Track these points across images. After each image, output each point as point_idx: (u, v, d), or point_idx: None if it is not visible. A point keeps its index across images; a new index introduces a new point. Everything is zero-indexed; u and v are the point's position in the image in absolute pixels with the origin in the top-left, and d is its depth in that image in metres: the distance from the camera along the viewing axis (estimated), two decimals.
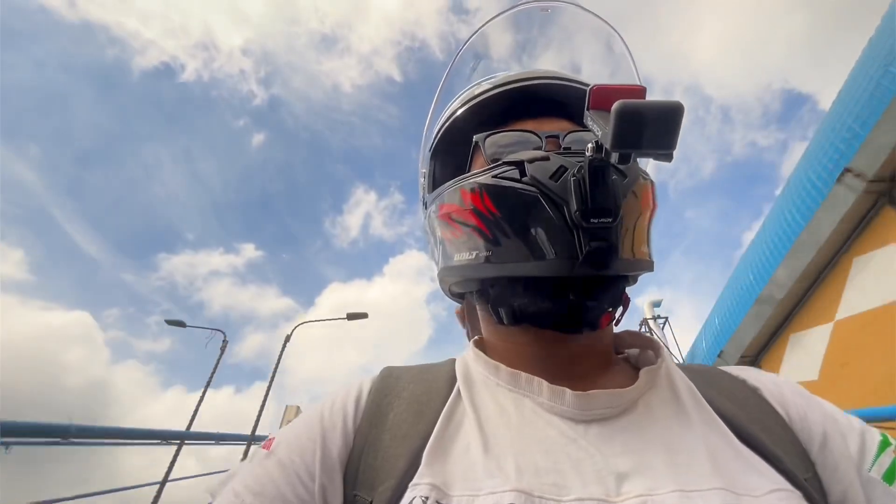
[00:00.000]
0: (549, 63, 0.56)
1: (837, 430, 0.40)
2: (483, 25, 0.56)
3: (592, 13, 0.56)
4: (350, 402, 0.43)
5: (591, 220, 0.35)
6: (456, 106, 0.54)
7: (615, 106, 0.28)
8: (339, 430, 0.40)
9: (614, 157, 0.32)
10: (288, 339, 7.72)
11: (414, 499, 0.32)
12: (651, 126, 0.28)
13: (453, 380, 0.44)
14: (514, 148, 0.47)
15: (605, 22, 0.56)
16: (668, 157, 0.34)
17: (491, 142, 0.48)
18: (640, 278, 0.45)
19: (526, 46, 0.60)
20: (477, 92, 0.53)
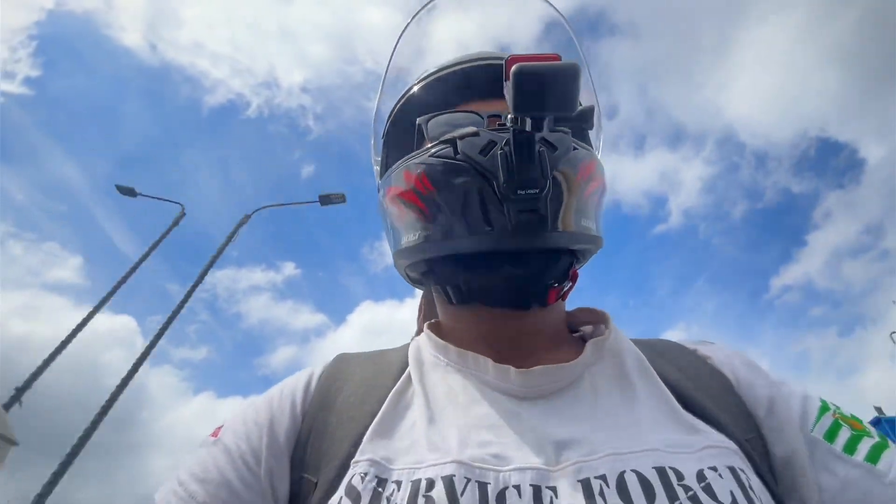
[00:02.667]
0: (493, 46, 0.56)
1: (781, 395, 0.41)
2: (420, 10, 0.57)
3: None
4: (300, 387, 0.43)
5: (518, 192, 0.36)
6: (405, 91, 0.54)
7: (512, 70, 0.28)
8: (288, 414, 0.41)
9: (528, 125, 0.32)
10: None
11: (354, 476, 0.33)
12: (548, 88, 0.28)
13: (405, 362, 0.45)
14: (457, 128, 0.47)
15: (549, 3, 0.56)
16: (586, 123, 0.34)
17: (433, 124, 0.48)
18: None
19: (470, 32, 0.60)
20: (423, 76, 0.53)
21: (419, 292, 0.58)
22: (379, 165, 0.57)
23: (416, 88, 0.53)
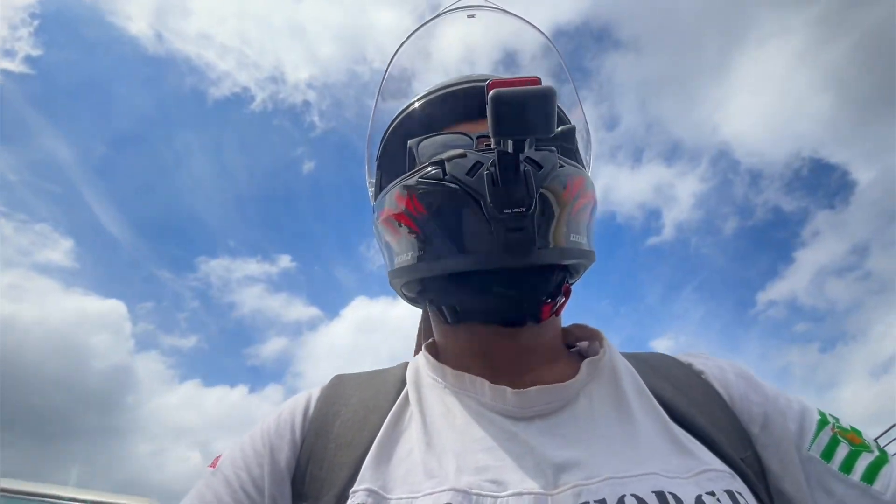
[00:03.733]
0: (483, 68, 0.57)
1: (777, 411, 0.41)
2: (411, 35, 0.58)
3: (517, 16, 0.57)
4: (298, 411, 0.43)
5: (505, 211, 0.36)
6: (397, 113, 0.56)
7: (489, 95, 0.29)
8: (287, 440, 0.41)
9: (510, 146, 0.33)
10: None
11: None
12: (525, 112, 0.29)
13: (402, 383, 0.45)
14: (447, 150, 0.48)
15: (531, 24, 0.58)
16: (568, 142, 0.35)
17: (424, 146, 0.49)
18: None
19: (456, 54, 0.62)
20: (415, 99, 0.54)
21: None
22: (373, 187, 0.58)
23: (407, 111, 0.55)
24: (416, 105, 0.54)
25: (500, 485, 0.33)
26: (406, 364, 0.49)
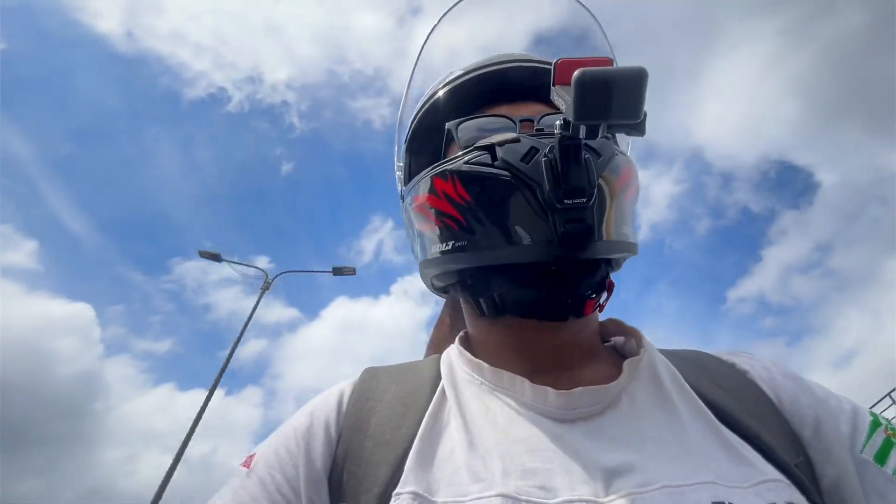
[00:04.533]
0: (520, 47, 0.55)
1: (829, 413, 0.39)
2: (447, 12, 0.55)
3: None
4: (331, 407, 0.41)
5: (565, 202, 0.34)
6: (429, 94, 0.53)
7: (575, 74, 0.27)
8: (322, 440, 0.39)
9: (583, 132, 0.31)
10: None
11: None
12: (615, 94, 0.27)
13: (437, 379, 0.43)
14: (488, 133, 0.45)
15: (580, 3, 0.55)
16: (640, 130, 0.33)
17: (464, 128, 0.46)
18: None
19: (497, 32, 0.59)
20: (449, 79, 0.51)
21: (398, 291, 0.56)
22: (401, 172, 0.55)
23: (440, 93, 0.52)
24: (451, 86, 0.51)
25: (550, 491, 0.31)
26: (437, 357, 0.47)
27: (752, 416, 0.38)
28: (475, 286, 0.43)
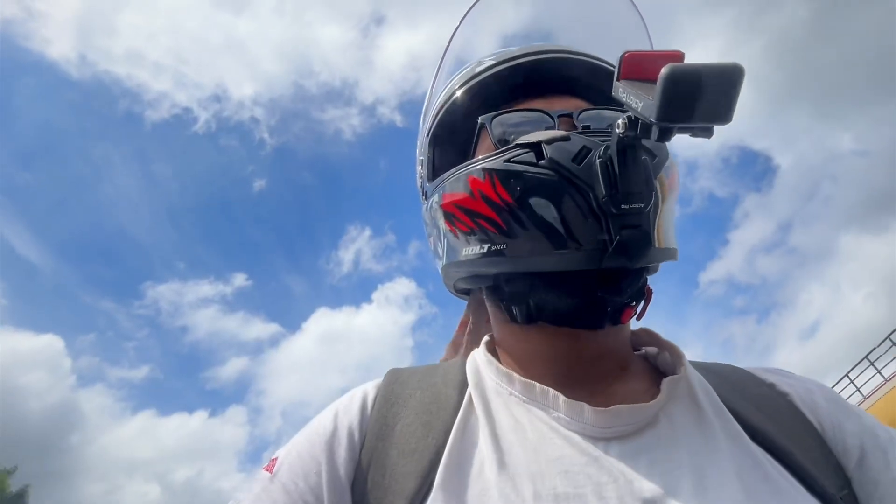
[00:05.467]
0: (553, 37, 0.52)
1: (877, 446, 0.37)
2: (473, 5, 0.52)
3: None
4: (354, 412, 0.39)
5: (622, 206, 0.32)
6: (456, 85, 0.49)
7: (665, 70, 0.24)
8: (345, 445, 0.37)
9: (654, 133, 0.28)
10: None
11: None
12: (706, 94, 0.24)
13: (463, 385, 0.41)
14: (525, 129, 0.42)
15: None
16: (710, 133, 0.30)
17: (498, 122, 0.43)
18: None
19: (529, 20, 0.55)
20: (478, 70, 0.48)
21: (379, 299, 0.54)
22: (423, 166, 0.52)
23: (469, 84, 0.48)
24: (481, 77, 0.47)
25: None
26: (462, 362, 0.44)
27: (793, 443, 0.36)
28: (513, 292, 0.41)
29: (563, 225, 0.34)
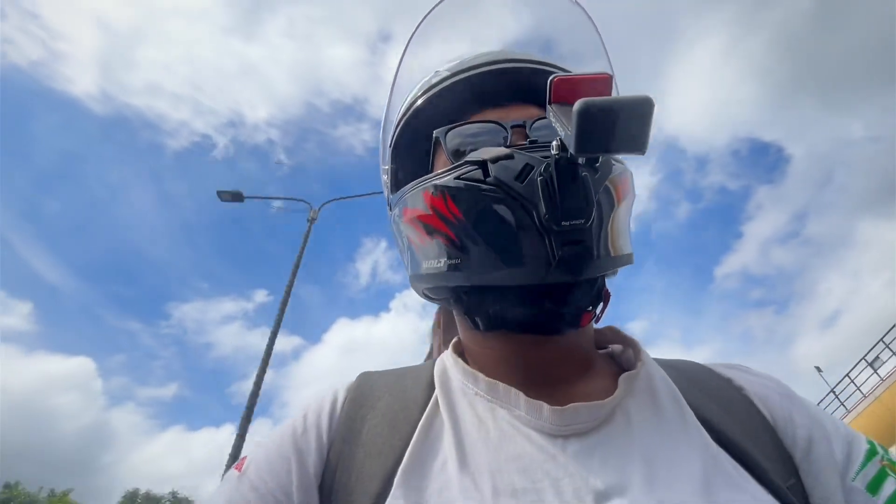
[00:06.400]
0: (510, 44, 0.52)
1: (823, 436, 0.38)
2: (430, 11, 0.52)
3: None
4: (324, 413, 0.40)
5: (563, 223, 0.33)
6: (415, 96, 0.50)
7: (577, 106, 0.25)
8: (314, 446, 0.38)
9: (581, 160, 0.29)
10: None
11: None
12: (619, 126, 0.25)
13: (431, 386, 0.42)
14: (480, 139, 0.43)
15: (576, 3, 0.52)
16: (641, 150, 0.31)
17: (452, 136, 0.44)
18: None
19: (486, 27, 0.56)
20: (434, 81, 0.48)
21: (397, 307, 0.55)
22: (388, 175, 0.53)
23: (426, 95, 0.49)
24: (438, 88, 0.48)
25: None
26: (431, 364, 0.46)
27: (746, 436, 0.37)
28: (469, 303, 0.42)
29: (509, 241, 0.35)
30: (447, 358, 0.45)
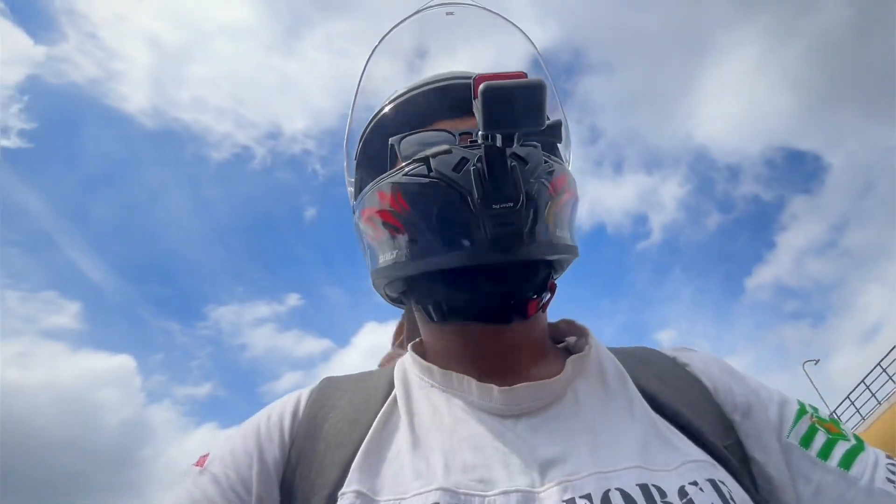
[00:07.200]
0: (462, 65, 0.57)
1: (759, 401, 0.42)
2: (388, 32, 0.57)
3: (494, 13, 0.57)
4: (287, 413, 0.42)
5: (493, 206, 0.36)
6: (375, 112, 0.55)
7: (480, 88, 0.29)
8: (276, 442, 0.40)
9: (499, 141, 0.33)
10: None
11: None
12: (516, 105, 0.29)
13: (391, 386, 0.44)
14: (430, 147, 0.47)
15: (509, 21, 0.58)
16: (557, 137, 0.35)
17: (406, 143, 0.48)
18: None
19: (435, 50, 0.61)
20: (393, 97, 0.53)
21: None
22: (353, 187, 0.57)
23: (386, 109, 0.54)
24: (396, 102, 0.53)
25: (488, 483, 0.33)
26: (393, 366, 0.48)
27: (685, 404, 0.40)
28: (421, 292, 0.45)
29: (451, 227, 0.39)
30: (407, 357, 0.47)
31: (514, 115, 0.30)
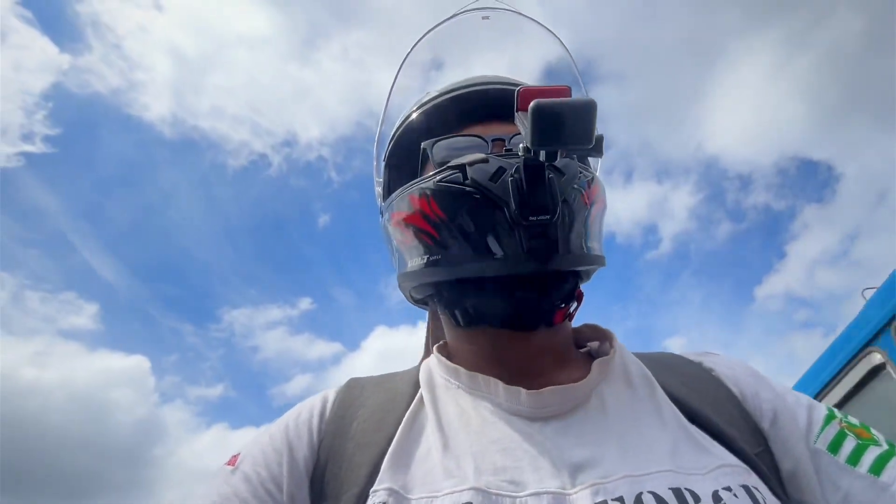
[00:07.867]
0: (495, 69, 0.57)
1: (786, 407, 0.42)
2: (424, 35, 0.58)
3: (531, 18, 0.57)
4: (315, 412, 0.43)
5: (530, 218, 0.36)
6: (406, 113, 0.55)
7: (531, 106, 0.29)
8: (305, 440, 0.40)
9: (543, 156, 0.33)
10: None
11: None
12: (566, 124, 0.29)
13: (417, 386, 0.45)
14: (464, 151, 0.47)
15: (544, 27, 0.58)
16: (598, 152, 0.35)
17: (438, 147, 0.49)
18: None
19: (471, 54, 0.61)
20: (425, 100, 0.54)
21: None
22: (381, 188, 0.57)
23: (417, 113, 0.54)
24: (428, 106, 0.53)
25: (519, 485, 0.33)
26: (418, 367, 0.49)
27: (714, 411, 0.40)
28: (450, 298, 0.45)
29: (485, 236, 0.39)
30: (432, 358, 0.48)
31: (563, 134, 0.30)
